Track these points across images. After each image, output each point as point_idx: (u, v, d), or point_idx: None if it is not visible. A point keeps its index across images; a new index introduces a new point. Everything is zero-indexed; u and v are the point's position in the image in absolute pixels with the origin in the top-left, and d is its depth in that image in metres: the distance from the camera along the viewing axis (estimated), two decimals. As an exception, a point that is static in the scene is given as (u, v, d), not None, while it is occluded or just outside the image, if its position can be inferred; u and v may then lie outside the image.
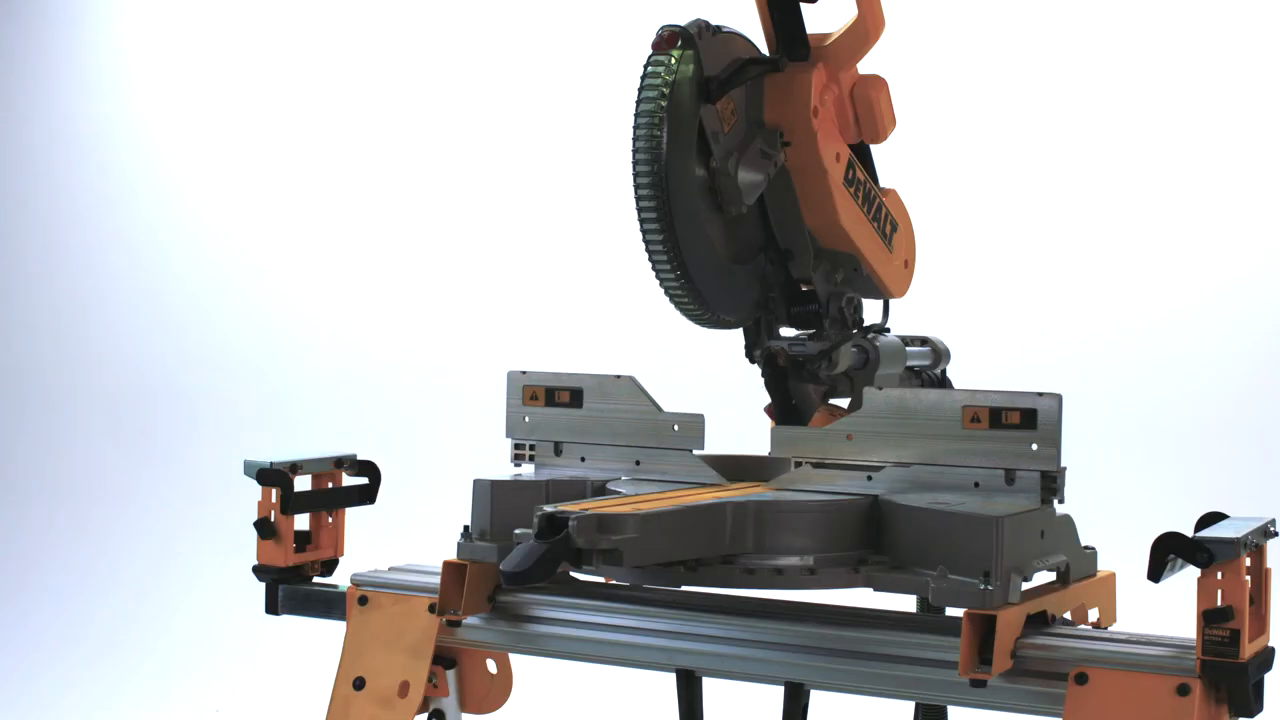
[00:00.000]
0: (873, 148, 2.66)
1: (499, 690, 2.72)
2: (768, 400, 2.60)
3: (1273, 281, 4.96)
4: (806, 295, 2.58)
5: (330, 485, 2.73)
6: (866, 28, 2.51)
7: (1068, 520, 2.28)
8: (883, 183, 2.67)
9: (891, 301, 2.71)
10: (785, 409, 2.57)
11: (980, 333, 4.96)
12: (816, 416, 2.59)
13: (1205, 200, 5.04)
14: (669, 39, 2.34)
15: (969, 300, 5.06)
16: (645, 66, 2.34)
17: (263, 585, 2.68)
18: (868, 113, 2.56)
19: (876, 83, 2.57)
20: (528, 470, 2.65)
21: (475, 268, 5.96)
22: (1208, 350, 4.99)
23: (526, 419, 2.63)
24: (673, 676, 2.34)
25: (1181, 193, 5.07)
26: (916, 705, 2.71)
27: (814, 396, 2.61)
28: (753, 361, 2.60)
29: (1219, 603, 1.93)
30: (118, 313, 6.77)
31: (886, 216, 2.66)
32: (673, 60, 2.32)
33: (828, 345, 2.52)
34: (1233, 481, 4.75)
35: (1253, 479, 4.73)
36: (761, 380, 2.60)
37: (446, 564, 2.44)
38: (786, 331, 2.62)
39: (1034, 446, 2.21)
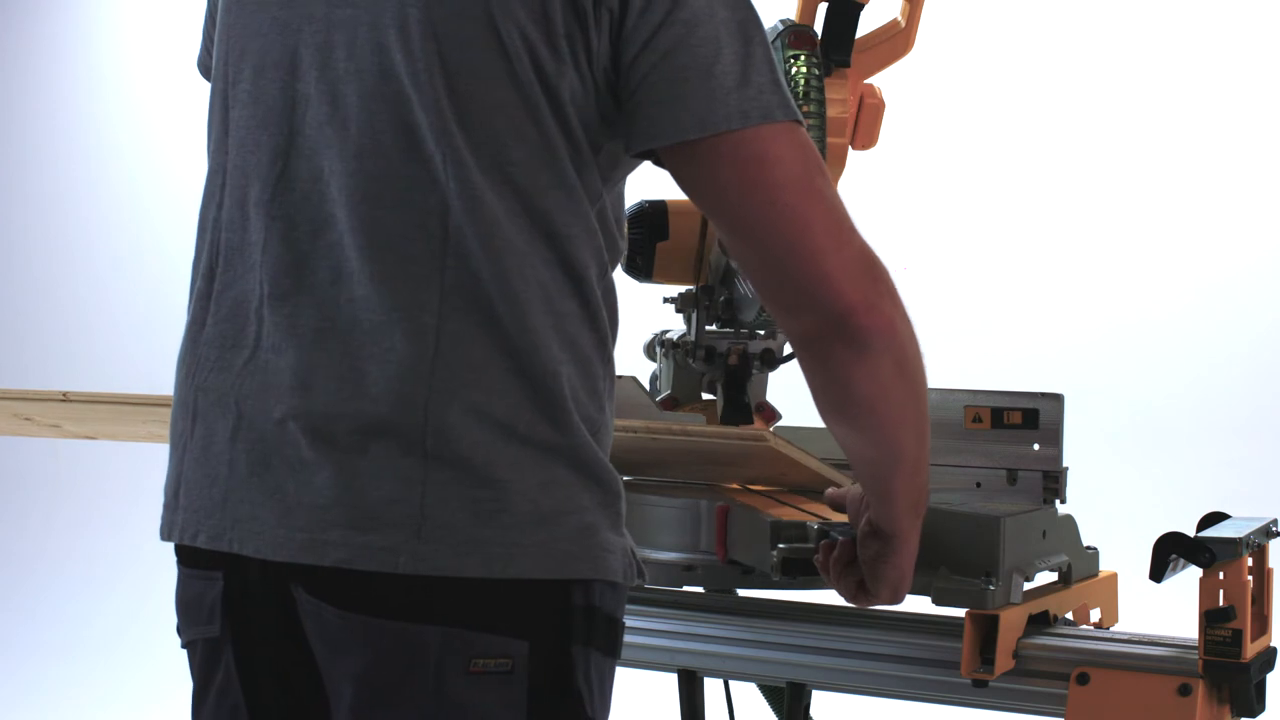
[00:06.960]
0: (869, 153, 2.66)
1: (499, 691, 2.69)
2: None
3: (1273, 280, 4.96)
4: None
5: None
6: (903, 44, 2.51)
7: (1070, 520, 2.28)
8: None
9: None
10: (736, 408, 2.52)
11: (980, 333, 4.96)
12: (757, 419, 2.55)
13: (1205, 200, 5.04)
14: None
15: (969, 300, 5.05)
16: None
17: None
18: (869, 122, 2.55)
19: (879, 96, 2.57)
20: (528, 470, 2.63)
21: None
22: (1209, 350, 4.99)
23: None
24: (673, 676, 2.34)
25: (1181, 192, 5.07)
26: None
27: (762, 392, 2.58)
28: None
29: (1221, 603, 1.93)
30: (120, 308, 6.77)
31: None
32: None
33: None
34: (1234, 481, 4.74)
35: (1254, 479, 4.73)
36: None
37: (447, 564, 2.43)
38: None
39: (1036, 447, 2.21)
